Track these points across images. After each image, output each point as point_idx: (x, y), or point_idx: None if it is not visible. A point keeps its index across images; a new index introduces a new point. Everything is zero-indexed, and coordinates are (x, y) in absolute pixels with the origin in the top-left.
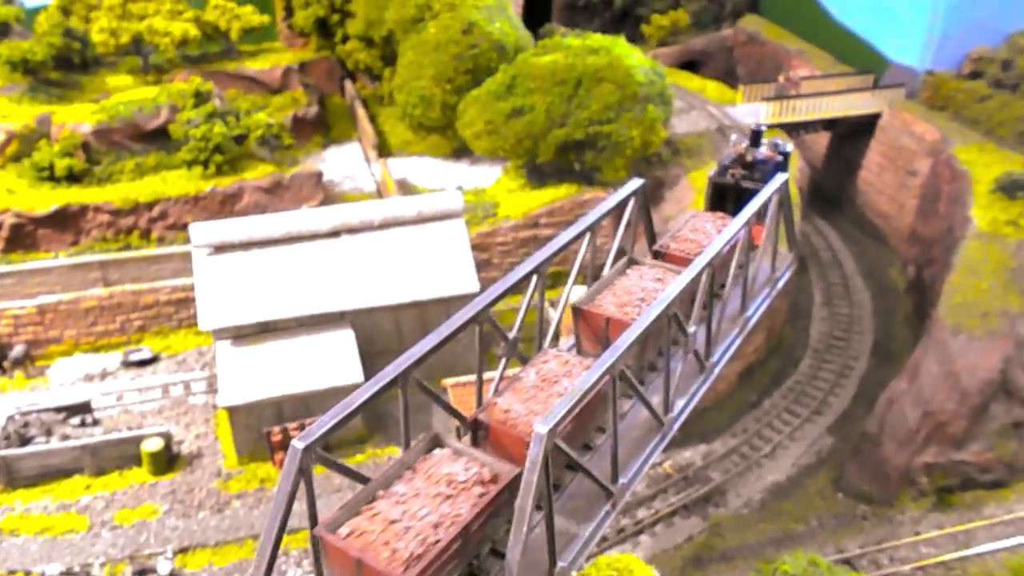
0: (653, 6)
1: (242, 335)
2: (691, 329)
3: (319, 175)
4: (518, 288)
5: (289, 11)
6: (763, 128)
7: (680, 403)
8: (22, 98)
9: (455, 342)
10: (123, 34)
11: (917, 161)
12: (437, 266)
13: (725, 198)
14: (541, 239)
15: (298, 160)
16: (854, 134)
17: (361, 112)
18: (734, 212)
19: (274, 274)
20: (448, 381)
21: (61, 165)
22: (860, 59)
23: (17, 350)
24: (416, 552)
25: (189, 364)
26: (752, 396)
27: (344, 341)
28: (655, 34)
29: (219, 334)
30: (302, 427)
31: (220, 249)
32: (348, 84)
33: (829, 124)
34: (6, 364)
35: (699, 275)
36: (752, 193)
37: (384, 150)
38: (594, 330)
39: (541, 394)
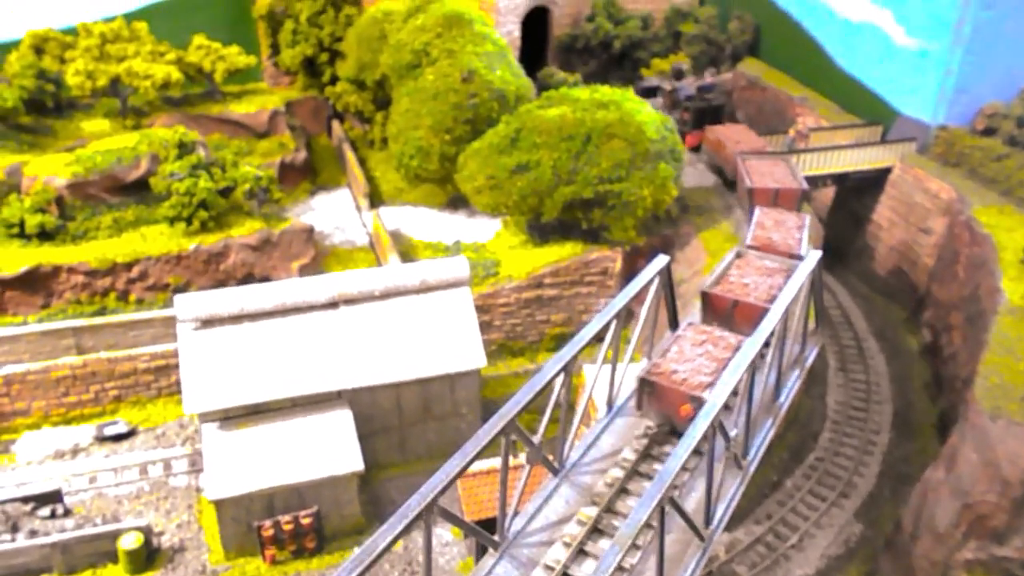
0: (651, 48)
1: (231, 417)
2: (732, 432)
3: (310, 230)
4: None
5: (275, 49)
6: (683, 66)
7: (719, 511)
8: None
9: (457, 418)
10: (100, 77)
11: (931, 219)
12: (441, 339)
13: (705, 117)
14: (545, 300)
15: (285, 209)
16: (862, 187)
17: (351, 157)
18: (711, 123)
19: (266, 350)
20: None
21: (32, 222)
22: (866, 109)
23: None
24: (770, 295)
25: (169, 438)
26: (772, 475)
27: (342, 423)
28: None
29: (206, 416)
30: (295, 521)
31: (208, 323)
32: (336, 125)
33: (839, 178)
34: None
35: (740, 380)
36: (719, 108)
37: (375, 198)
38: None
39: (782, 228)
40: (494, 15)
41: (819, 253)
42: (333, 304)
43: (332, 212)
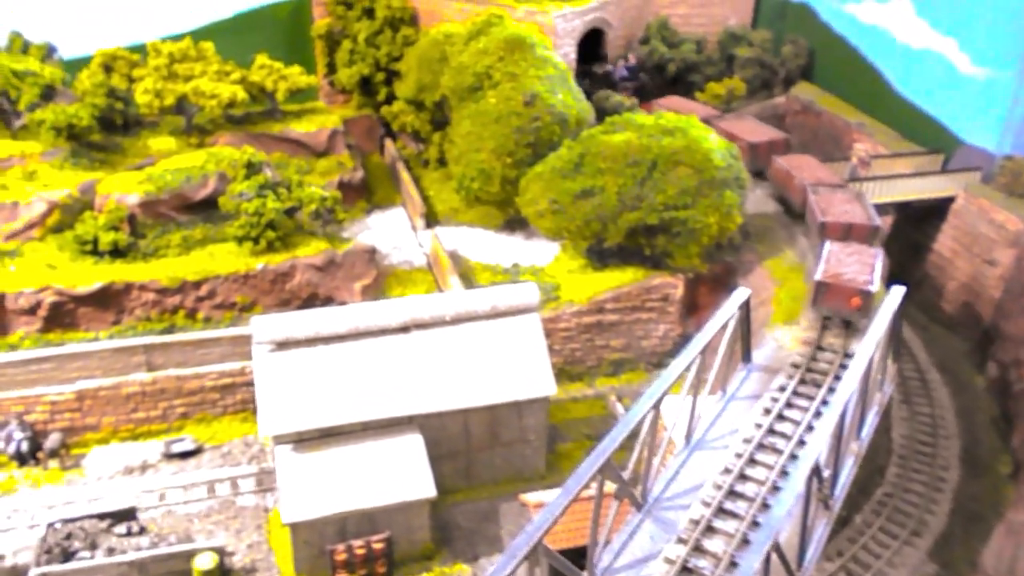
0: (705, 72)
1: (304, 440)
2: (826, 473)
3: (372, 251)
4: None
5: (331, 68)
6: (605, 51)
7: (810, 552)
8: (64, 164)
9: (524, 444)
10: (168, 95)
11: (997, 251)
12: (511, 365)
13: (641, 94)
14: (605, 325)
15: (343, 228)
16: (922, 216)
17: (406, 177)
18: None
19: (339, 373)
20: (530, 499)
21: (106, 239)
22: (927, 137)
23: (53, 439)
24: (868, 217)
25: (234, 456)
26: (842, 511)
27: (413, 448)
28: (710, 102)
29: (280, 439)
30: (367, 545)
31: (283, 345)
32: (388, 144)
33: (900, 207)
34: (40, 455)
35: (836, 424)
36: (645, 85)
37: (430, 217)
38: None
39: (813, 167)
40: (552, 37)
41: (902, 290)
42: (405, 328)
43: (388, 231)
